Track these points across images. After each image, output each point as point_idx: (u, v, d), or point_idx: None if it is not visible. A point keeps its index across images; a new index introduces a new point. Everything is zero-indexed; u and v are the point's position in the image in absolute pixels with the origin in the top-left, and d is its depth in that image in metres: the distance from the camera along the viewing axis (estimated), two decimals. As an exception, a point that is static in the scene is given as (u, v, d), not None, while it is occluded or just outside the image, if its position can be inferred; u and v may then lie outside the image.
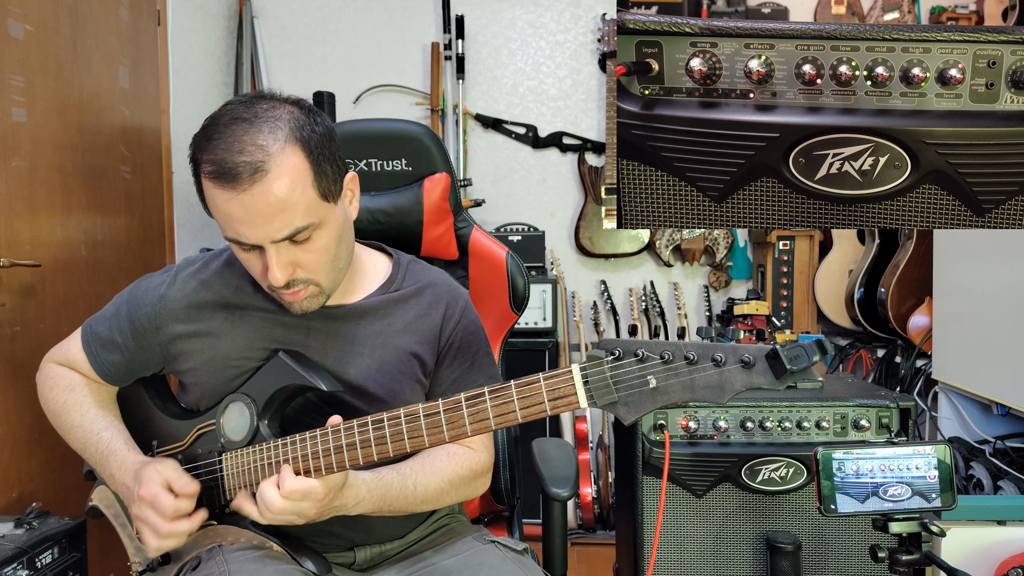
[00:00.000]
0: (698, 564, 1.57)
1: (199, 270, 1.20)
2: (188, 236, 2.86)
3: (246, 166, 0.98)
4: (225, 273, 1.19)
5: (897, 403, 1.55)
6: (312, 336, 1.17)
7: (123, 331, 1.19)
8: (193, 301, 1.17)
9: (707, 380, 0.84)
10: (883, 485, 1.20)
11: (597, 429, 3.27)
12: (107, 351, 1.21)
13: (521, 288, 1.51)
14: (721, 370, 0.83)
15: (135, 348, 1.19)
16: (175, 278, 1.19)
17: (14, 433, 1.87)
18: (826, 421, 1.55)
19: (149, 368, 1.23)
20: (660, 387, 0.86)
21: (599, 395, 0.89)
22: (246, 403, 1.11)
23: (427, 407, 0.98)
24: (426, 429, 0.98)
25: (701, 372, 0.84)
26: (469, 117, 3.35)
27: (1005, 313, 2.17)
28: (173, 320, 1.17)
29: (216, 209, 1.02)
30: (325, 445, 1.02)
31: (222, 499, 1.13)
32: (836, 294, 3.19)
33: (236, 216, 1.00)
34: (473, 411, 0.95)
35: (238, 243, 1.05)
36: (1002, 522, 1.66)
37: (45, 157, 2.00)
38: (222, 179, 0.99)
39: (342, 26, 3.37)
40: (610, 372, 0.88)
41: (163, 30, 2.65)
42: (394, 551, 1.23)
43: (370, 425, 1.01)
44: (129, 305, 1.20)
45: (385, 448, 1.00)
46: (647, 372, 0.86)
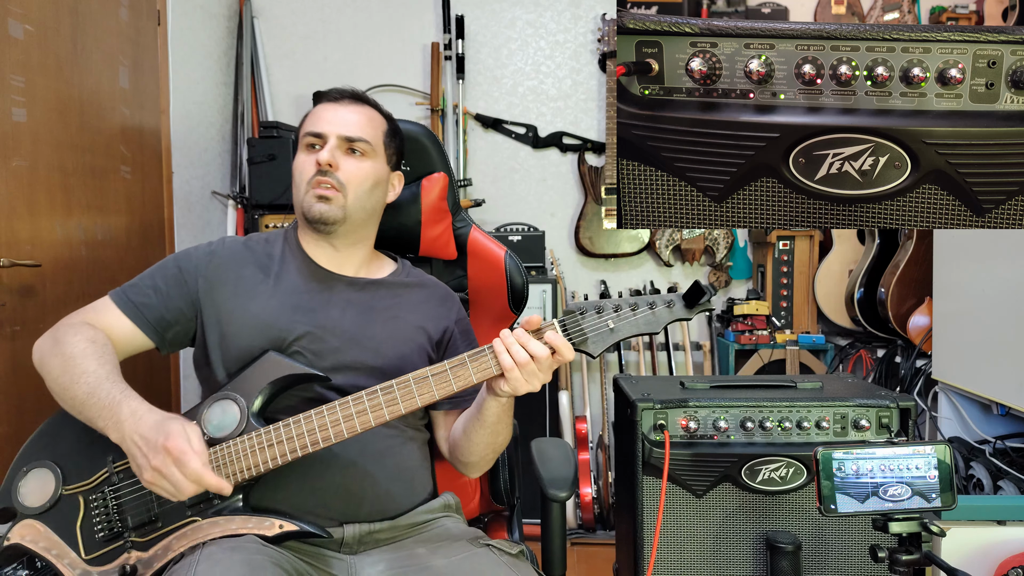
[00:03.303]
0: (698, 564, 1.57)
1: (245, 240, 1.38)
2: (188, 236, 2.86)
3: (354, 95, 1.35)
4: (265, 244, 1.37)
5: (897, 403, 1.55)
6: (333, 303, 1.30)
7: (166, 278, 1.28)
8: (237, 258, 1.32)
9: (646, 319, 1.15)
10: (883, 485, 1.20)
11: (597, 429, 3.27)
12: (142, 296, 1.27)
13: (520, 287, 1.51)
14: (654, 311, 1.15)
15: (175, 295, 1.27)
16: (223, 241, 1.36)
17: (13, 434, 1.87)
18: (826, 421, 1.55)
19: (179, 320, 1.28)
20: (615, 327, 1.15)
21: (574, 337, 1.14)
22: (233, 399, 1.17)
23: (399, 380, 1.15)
24: (400, 396, 1.14)
25: (641, 314, 1.15)
26: (469, 117, 3.35)
27: (1005, 313, 2.17)
28: (218, 271, 1.29)
29: (312, 115, 1.33)
30: (310, 426, 1.13)
31: (208, 493, 1.12)
32: (836, 294, 3.19)
33: (324, 116, 1.31)
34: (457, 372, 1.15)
35: (312, 134, 1.30)
36: (1002, 522, 1.66)
37: (45, 157, 2.00)
38: (330, 97, 1.33)
39: (342, 26, 3.37)
40: (581, 321, 1.15)
41: (163, 30, 2.66)
42: (384, 533, 1.23)
43: (351, 402, 1.14)
44: (177, 258, 1.32)
45: (366, 418, 1.13)
46: (606, 319, 1.15)
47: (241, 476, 1.13)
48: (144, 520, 1.15)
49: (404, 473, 1.28)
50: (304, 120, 1.35)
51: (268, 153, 2.87)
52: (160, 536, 1.14)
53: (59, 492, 1.18)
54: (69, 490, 1.18)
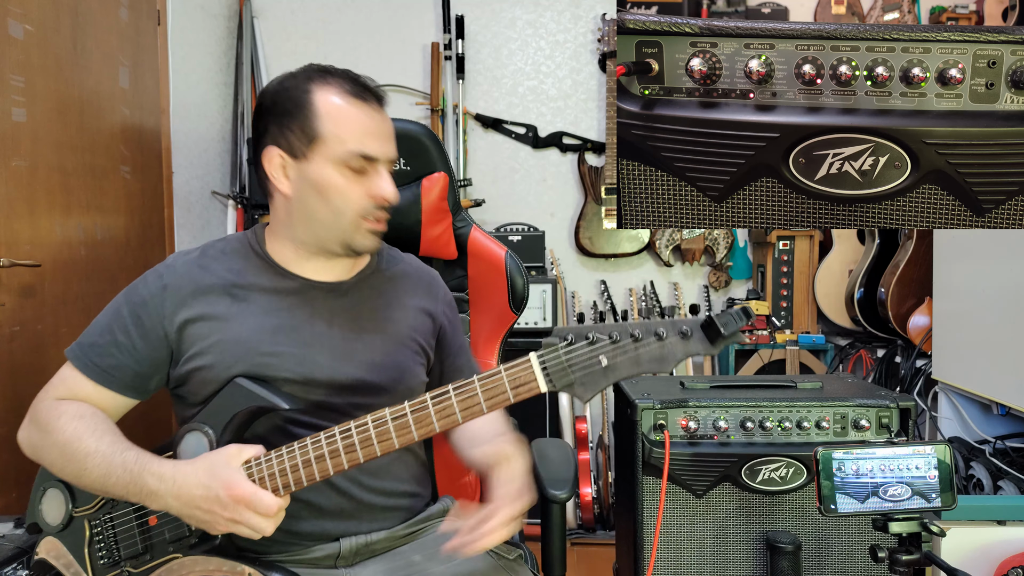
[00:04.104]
0: (698, 564, 1.56)
1: (197, 257, 1.19)
2: (188, 236, 2.86)
3: (380, 93, 1.16)
4: (223, 258, 1.19)
5: (897, 403, 1.55)
6: (317, 316, 1.18)
7: (127, 330, 1.13)
8: (197, 285, 1.15)
9: (651, 354, 0.93)
10: (883, 485, 1.20)
11: (597, 429, 3.27)
12: (109, 357, 1.14)
13: (520, 288, 1.51)
14: (663, 343, 0.92)
15: (143, 346, 1.13)
16: (173, 267, 1.17)
17: (13, 434, 1.86)
18: (826, 421, 1.55)
19: (158, 369, 1.16)
20: (611, 364, 0.94)
21: (557, 378, 0.95)
22: (203, 431, 1.08)
23: (394, 410, 1.01)
24: (395, 431, 1.01)
25: (646, 347, 0.93)
26: (469, 117, 3.35)
27: (1005, 313, 2.17)
28: (179, 306, 1.13)
29: (346, 121, 1.11)
30: (292, 461, 1.02)
31: (187, 530, 1.09)
32: (836, 294, 3.19)
33: (370, 129, 1.12)
34: (440, 408, 1.00)
35: (362, 156, 1.11)
36: (1002, 522, 1.65)
37: (45, 157, 2.00)
38: (361, 96, 1.13)
39: (342, 26, 3.37)
40: (565, 356, 0.95)
41: (163, 30, 2.66)
42: (381, 543, 1.20)
43: (338, 434, 1.02)
44: (130, 303, 1.15)
45: (355, 455, 1.02)
46: (598, 352, 0.94)
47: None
48: (136, 552, 1.12)
49: (403, 485, 1.25)
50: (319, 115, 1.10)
51: (268, 153, 2.87)
52: (151, 568, 1.11)
53: (69, 513, 1.17)
54: (78, 513, 1.17)
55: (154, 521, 1.11)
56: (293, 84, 1.13)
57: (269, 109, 1.14)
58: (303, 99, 1.11)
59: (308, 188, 1.13)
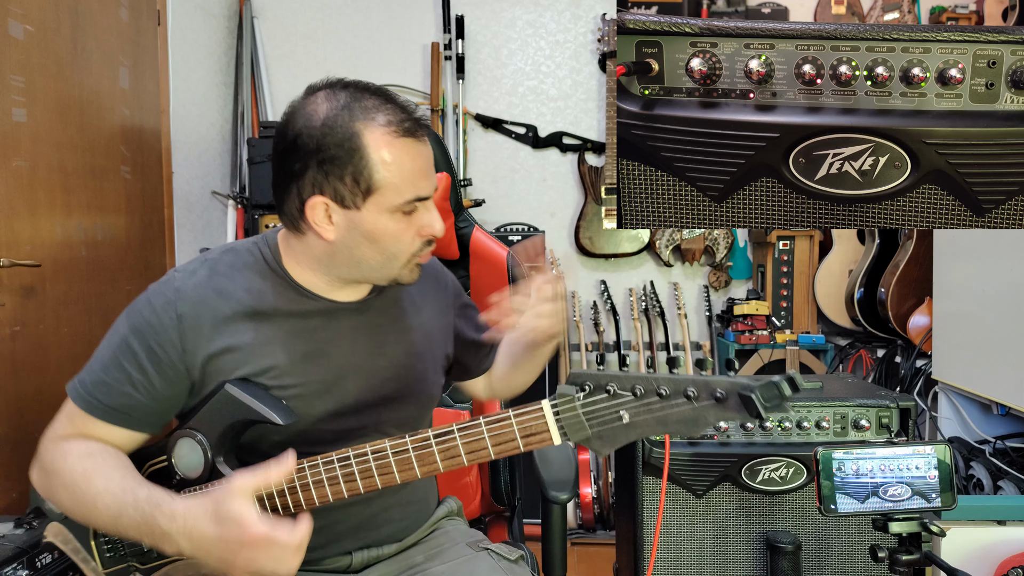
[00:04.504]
0: (698, 564, 1.56)
1: (207, 278, 1.08)
2: (188, 236, 2.86)
3: (425, 120, 1.05)
4: (237, 276, 1.09)
5: (897, 403, 1.55)
6: (341, 335, 1.12)
7: (141, 366, 1.03)
8: (216, 315, 1.05)
9: (680, 415, 0.85)
10: (883, 485, 1.20)
11: (597, 429, 3.27)
12: (122, 396, 1.04)
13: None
14: (694, 406, 0.84)
15: (161, 383, 1.04)
16: (184, 293, 1.06)
17: (14, 434, 1.86)
18: (826, 421, 1.55)
19: (176, 404, 1.08)
20: (633, 422, 0.86)
21: (572, 431, 0.90)
22: (196, 439, 1.04)
23: (395, 444, 0.98)
24: (396, 466, 0.98)
25: (674, 408, 0.84)
26: (469, 117, 3.35)
27: (1005, 313, 2.17)
28: (199, 339, 1.04)
29: (400, 168, 1.01)
30: (291, 484, 0.99)
31: None
32: (836, 294, 3.19)
33: (422, 169, 1.04)
34: (443, 448, 0.96)
35: (416, 200, 1.04)
36: (1002, 522, 1.65)
37: (45, 157, 2.00)
38: (413, 132, 1.02)
39: (342, 26, 3.37)
40: (582, 409, 0.89)
41: (163, 30, 2.66)
42: (391, 554, 1.22)
43: (336, 462, 0.99)
44: (139, 334, 1.04)
45: (355, 485, 0.99)
46: (619, 407, 0.87)
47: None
48: (141, 548, 1.10)
49: (416, 494, 1.24)
50: (372, 165, 1.00)
51: (268, 153, 2.86)
52: (158, 566, 1.10)
53: None
54: None
55: None
56: (338, 124, 1.01)
57: (312, 152, 1.01)
58: (353, 145, 1.00)
59: (358, 236, 1.04)
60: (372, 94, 1.04)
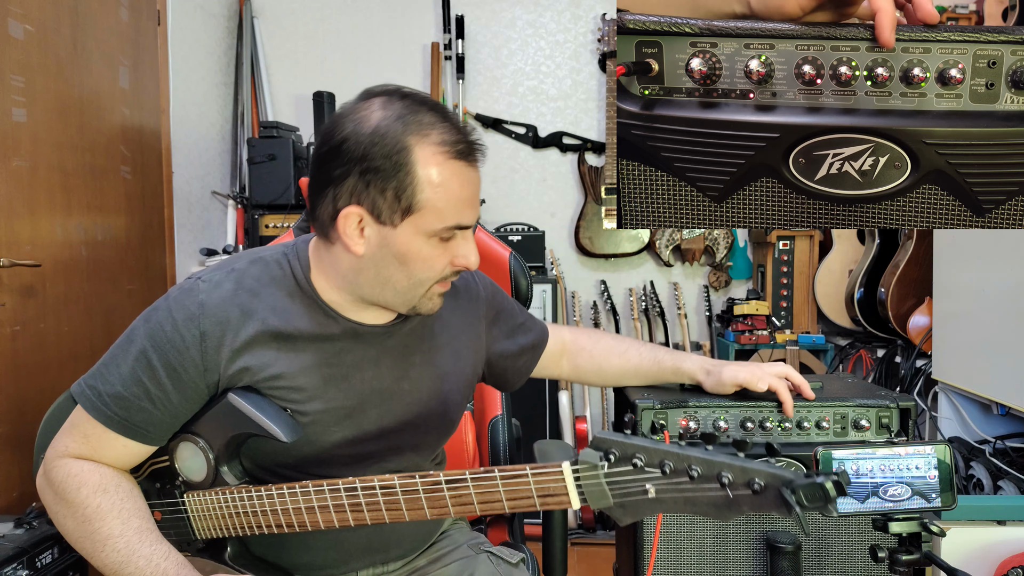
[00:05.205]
0: (698, 564, 1.56)
1: (233, 293, 1.03)
2: (188, 236, 2.86)
3: (477, 143, 1.00)
4: (263, 292, 1.04)
5: (897, 403, 1.55)
6: (366, 359, 1.08)
7: (160, 382, 0.99)
8: (240, 336, 1.01)
9: (711, 500, 0.80)
10: (883, 485, 1.20)
11: (597, 429, 3.27)
12: (140, 412, 1.00)
13: (524, 288, 1.51)
14: (727, 495, 0.79)
15: (180, 400, 1.01)
16: (207, 307, 1.01)
17: (14, 433, 1.87)
18: (826, 421, 1.55)
19: (189, 416, 1.05)
20: (660, 497, 0.83)
21: (592, 498, 0.87)
22: (199, 445, 1.03)
23: (404, 483, 0.96)
24: (405, 504, 0.96)
25: (705, 492, 0.80)
26: (469, 117, 3.35)
27: (1005, 313, 2.17)
28: (221, 359, 1.01)
29: (447, 192, 0.96)
30: (296, 504, 0.99)
31: (192, 535, 1.08)
32: (836, 294, 3.19)
33: (469, 197, 0.99)
34: (456, 495, 0.94)
35: (457, 228, 0.99)
36: (1002, 522, 1.65)
37: (45, 157, 2.00)
38: (466, 155, 0.98)
39: (342, 26, 3.37)
40: (605, 479, 0.86)
41: (163, 30, 2.66)
42: (396, 568, 1.21)
43: (343, 491, 0.98)
44: (159, 349, 0.99)
45: (361, 516, 0.97)
46: (645, 481, 0.83)
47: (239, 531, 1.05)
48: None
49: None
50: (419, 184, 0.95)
51: (268, 153, 2.87)
52: None
53: None
54: None
55: (158, 516, 1.09)
56: (389, 135, 0.95)
57: (356, 160, 0.95)
58: (402, 160, 0.94)
59: (388, 255, 0.99)
60: (430, 109, 0.98)
